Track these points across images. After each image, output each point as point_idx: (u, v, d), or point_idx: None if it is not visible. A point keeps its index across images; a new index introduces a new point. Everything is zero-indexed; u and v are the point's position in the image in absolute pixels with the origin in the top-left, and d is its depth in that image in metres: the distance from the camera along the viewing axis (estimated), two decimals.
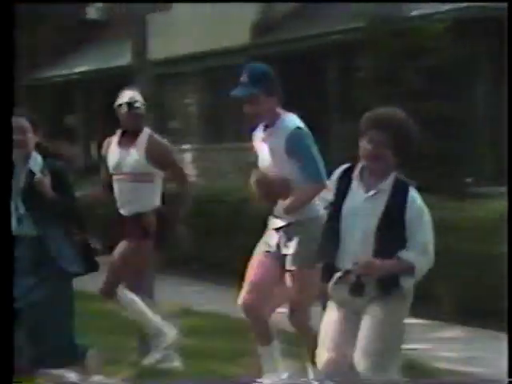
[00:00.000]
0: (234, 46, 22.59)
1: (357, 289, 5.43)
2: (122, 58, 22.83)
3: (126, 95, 7.63)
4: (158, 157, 7.47)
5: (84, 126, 30.60)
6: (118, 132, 7.79)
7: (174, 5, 24.69)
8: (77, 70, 28.26)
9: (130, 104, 7.46)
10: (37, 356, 6.63)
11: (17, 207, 6.57)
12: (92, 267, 6.89)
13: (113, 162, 7.64)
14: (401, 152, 5.44)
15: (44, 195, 6.42)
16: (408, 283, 5.51)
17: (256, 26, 23.05)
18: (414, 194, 5.51)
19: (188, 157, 23.52)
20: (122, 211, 7.59)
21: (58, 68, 29.23)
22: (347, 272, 5.43)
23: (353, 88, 18.16)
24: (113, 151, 7.68)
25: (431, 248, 5.50)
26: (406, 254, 5.40)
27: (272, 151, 6.67)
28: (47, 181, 6.44)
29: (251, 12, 23.02)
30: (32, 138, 6.64)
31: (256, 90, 6.54)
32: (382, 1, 25.14)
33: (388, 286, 5.46)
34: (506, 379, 6.08)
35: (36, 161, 6.59)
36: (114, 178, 7.62)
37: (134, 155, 7.45)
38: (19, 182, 6.56)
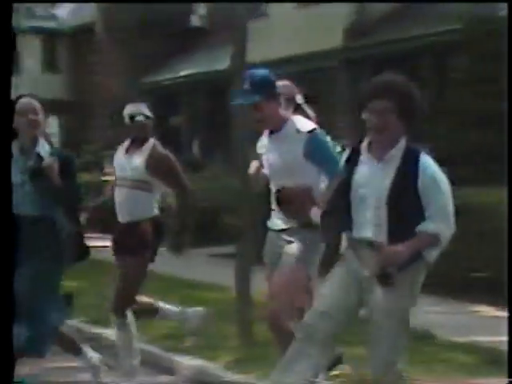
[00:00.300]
0: (328, 49, 22.47)
1: (386, 279, 5.03)
2: (223, 62, 23.25)
3: (128, 108, 7.59)
4: (156, 166, 7.35)
5: (187, 124, 30.92)
6: (128, 140, 7.71)
7: (271, 11, 24.70)
8: (182, 73, 28.59)
9: (131, 117, 7.44)
10: (22, 339, 6.24)
11: (23, 185, 6.33)
12: (84, 256, 6.72)
13: (117, 167, 7.61)
14: (406, 117, 5.09)
15: (51, 180, 6.23)
16: (432, 255, 5.14)
17: (350, 30, 22.91)
18: (426, 161, 5.11)
19: None
20: (119, 218, 7.48)
21: (166, 72, 29.51)
22: (368, 244, 5.14)
23: (448, 88, 17.88)
24: (119, 157, 7.64)
25: (451, 214, 5.09)
26: (427, 226, 5.04)
27: (285, 156, 6.27)
28: (56, 166, 6.25)
29: (345, 15, 22.89)
30: (43, 121, 6.42)
31: (258, 96, 6.20)
32: (393, 1, 24.60)
33: (410, 261, 5.07)
34: (506, 379, 5.65)
35: (44, 146, 6.38)
36: (117, 183, 7.58)
37: (135, 162, 7.38)
38: (26, 163, 6.35)
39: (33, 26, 35.77)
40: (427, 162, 5.10)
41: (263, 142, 6.60)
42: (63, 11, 34.75)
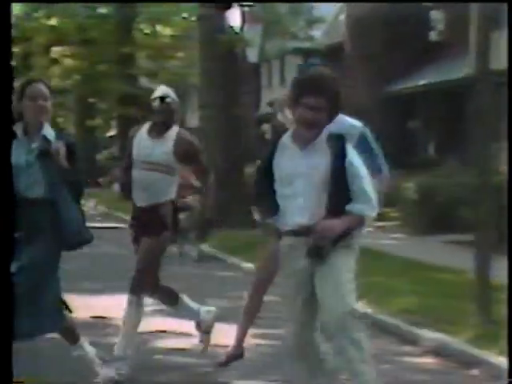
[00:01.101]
0: None
1: (317, 252, 4.77)
2: (457, 71, 23.43)
3: (160, 90, 7.13)
4: (184, 152, 6.88)
5: (423, 127, 30.76)
6: (148, 124, 7.18)
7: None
8: (421, 82, 28.59)
9: (162, 98, 6.92)
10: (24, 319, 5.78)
11: (28, 167, 5.85)
12: (87, 239, 6.19)
13: (142, 151, 7.00)
14: (334, 112, 4.81)
15: (58, 163, 5.80)
16: (358, 234, 4.97)
17: None
18: (350, 147, 4.89)
19: None
20: (139, 202, 7.00)
21: (406, 81, 29.62)
22: (301, 231, 4.83)
23: None
24: (143, 141, 7.03)
25: (373, 195, 4.89)
26: (356, 207, 4.82)
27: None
28: (63, 150, 5.87)
29: None
30: (50, 107, 6.00)
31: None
32: (390, 1, 22.70)
33: (341, 240, 4.84)
34: (507, 379, 5.29)
35: (49, 130, 5.93)
36: (139, 166, 6.99)
37: (163, 147, 6.87)
38: (31, 145, 5.91)
39: (295, 47, 36.41)
40: (349, 147, 4.89)
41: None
42: (318, 32, 35.16)
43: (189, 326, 7.75)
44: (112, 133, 42.37)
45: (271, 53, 39.27)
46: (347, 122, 5.42)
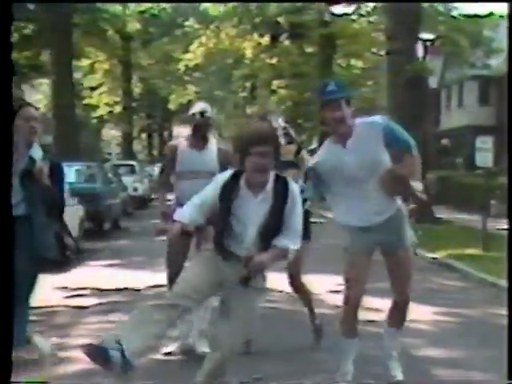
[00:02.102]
0: None
1: (246, 280, 4.57)
2: None
3: (199, 106, 6.70)
4: (224, 159, 6.44)
5: None
6: (185, 138, 6.72)
7: None
8: None
9: (201, 113, 6.49)
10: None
11: (16, 188, 5.24)
12: (64, 253, 5.82)
13: (186, 162, 6.53)
14: (276, 157, 4.58)
15: (40, 182, 5.37)
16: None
17: None
18: (292, 187, 4.65)
19: None
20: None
21: None
22: (246, 259, 4.54)
23: None
24: (186, 152, 6.56)
25: (300, 232, 4.64)
26: (284, 241, 4.59)
27: (368, 157, 5.16)
28: (46, 170, 5.43)
29: None
30: (39, 128, 5.53)
31: (346, 95, 5.24)
32: (392, 1, 20.50)
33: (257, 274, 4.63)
34: (506, 381, 4.55)
35: (37, 150, 5.47)
36: (185, 175, 6.54)
37: (209, 157, 6.45)
38: (19, 165, 5.35)
39: (473, 75, 35.91)
40: (293, 187, 4.66)
41: (337, 145, 5.29)
42: (495, 61, 34.29)
43: None
44: (314, 146, 43.25)
45: (451, 80, 38.85)
46: (368, 121, 5.26)
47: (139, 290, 9.30)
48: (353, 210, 5.24)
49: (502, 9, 21.77)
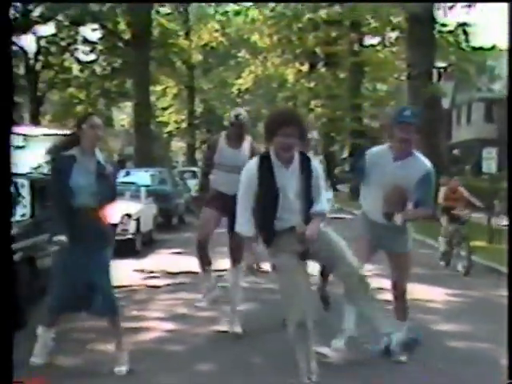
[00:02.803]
0: None
1: (304, 255, 4.40)
2: None
3: (235, 110, 6.47)
4: (254, 154, 5.90)
5: None
6: (223, 136, 6.37)
7: None
8: None
9: (236, 116, 6.23)
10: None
11: (90, 186, 5.02)
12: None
13: (224, 157, 6.24)
14: (302, 138, 4.41)
15: (110, 182, 5.17)
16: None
17: None
18: (314, 163, 4.53)
19: None
20: (224, 190, 6.11)
21: None
22: (290, 230, 4.36)
23: None
24: (224, 149, 6.26)
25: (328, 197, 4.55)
26: (320, 208, 4.47)
27: (408, 179, 5.10)
28: (115, 172, 5.39)
29: None
30: (102, 135, 5.25)
31: (417, 122, 5.19)
32: (384, 1, 19.71)
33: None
34: (506, 380, 4.15)
35: (100, 154, 5.19)
36: (222, 169, 6.24)
37: (244, 154, 6.12)
38: (89, 167, 5.07)
39: (480, 97, 35.61)
40: (315, 163, 4.55)
41: (390, 157, 5.17)
42: (497, 85, 33.77)
43: None
44: (345, 155, 43.06)
45: (461, 101, 38.46)
46: (423, 159, 5.20)
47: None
48: (377, 209, 5.17)
49: (503, 42, 21.61)
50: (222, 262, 7.13)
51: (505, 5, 11.59)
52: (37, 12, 27.18)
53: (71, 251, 4.93)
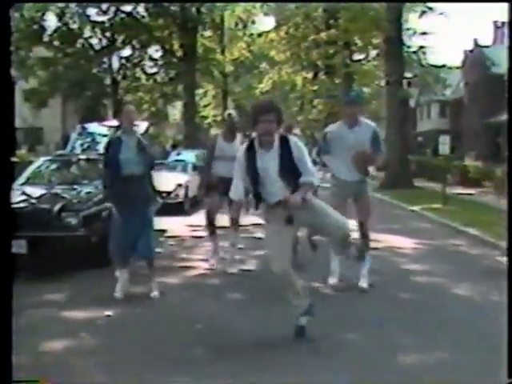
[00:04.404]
0: None
1: (290, 220, 3.79)
2: None
3: (228, 111, 6.18)
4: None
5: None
6: (221, 134, 6.10)
7: None
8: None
9: (228, 115, 6.01)
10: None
11: (132, 156, 4.72)
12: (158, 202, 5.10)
13: (221, 150, 5.92)
14: (279, 124, 3.79)
15: (149, 154, 4.89)
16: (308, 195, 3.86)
17: None
18: (293, 140, 3.84)
19: None
20: (224, 174, 5.61)
21: (496, 116, 27.23)
22: (278, 203, 3.81)
23: None
24: (221, 143, 5.96)
25: (314, 168, 3.89)
26: (307, 178, 3.77)
27: (361, 139, 4.95)
28: (149, 145, 5.03)
29: None
30: (136, 118, 4.96)
31: (359, 100, 5.11)
32: (382, 1, 19.14)
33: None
34: (507, 380, 3.22)
35: (138, 133, 4.94)
36: (219, 158, 5.91)
37: (235, 146, 5.64)
38: (131, 143, 4.80)
39: (436, 99, 35.38)
40: (293, 139, 3.87)
41: (344, 128, 5.00)
42: (448, 91, 33.06)
43: None
44: None
45: (422, 102, 37.95)
46: (369, 122, 5.07)
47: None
48: (343, 169, 5.10)
49: (452, 62, 21.78)
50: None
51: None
52: (119, 39, 27.88)
53: (122, 210, 4.72)
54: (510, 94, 5.76)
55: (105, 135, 7.69)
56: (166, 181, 10.15)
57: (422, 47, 22.88)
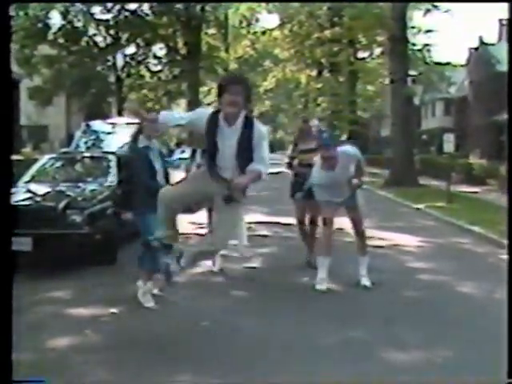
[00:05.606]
0: None
1: (228, 199, 3.59)
2: None
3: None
4: None
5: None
6: None
7: None
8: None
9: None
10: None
11: (158, 167, 4.65)
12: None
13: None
14: (247, 99, 3.54)
15: (164, 162, 4.79)
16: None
17: None
18: (258, 125, 3.60)
19: None
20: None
21: (499, 115, 27.08)
22: (224, 180, 3.62)
23: None
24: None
25: (268, 160, 3.60)
26: (255, 166, 3.53)
27: (344, 176, 5.02)
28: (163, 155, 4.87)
29: None
30: (157, 127, 4.52)
31: (333, 142, 5.04)
32: (381, 1, 19.03)
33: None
34: (506, 380, 3.07)
35: (156, 143, 4.77)
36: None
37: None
38: (156, 153, 4.71)
39: (440, 97, 35.40)
40: (259, 125, 3.61)
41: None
42: (453, 89, 32.95)
43: None
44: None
45: (427, 100, 37.75)
46: (347, 152, 5.03)
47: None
48: (330, 196, 5.11)
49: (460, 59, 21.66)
50: None
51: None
52: (124, 38, 27.82)
53: (149, 217, 4.49)
54: (510, 94, 5.75)
55: (109, 133, 7.73)
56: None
57: (426, 45, 22.79)
